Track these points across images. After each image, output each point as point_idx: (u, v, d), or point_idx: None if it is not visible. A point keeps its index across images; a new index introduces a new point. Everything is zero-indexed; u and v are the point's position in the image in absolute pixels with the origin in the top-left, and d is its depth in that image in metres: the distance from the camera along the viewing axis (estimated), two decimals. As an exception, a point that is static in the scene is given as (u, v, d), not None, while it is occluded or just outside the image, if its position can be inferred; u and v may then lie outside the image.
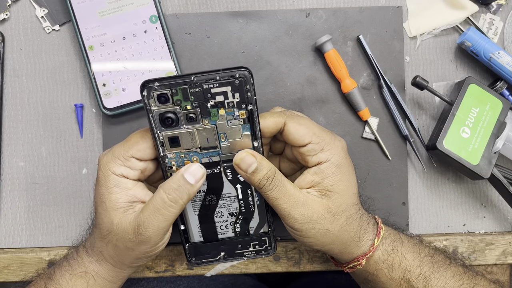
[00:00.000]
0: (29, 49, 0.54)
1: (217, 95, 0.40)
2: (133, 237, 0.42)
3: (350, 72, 0.53)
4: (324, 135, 0.44)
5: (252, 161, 0.42)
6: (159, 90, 0.40)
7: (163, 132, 0.41)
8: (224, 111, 0.41)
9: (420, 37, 0.54)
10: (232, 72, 0.40)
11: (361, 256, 0.45)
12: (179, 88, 0.40)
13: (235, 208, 0.45)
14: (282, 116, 0.43)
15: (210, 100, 0.40)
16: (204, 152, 0.43)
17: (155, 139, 0.42)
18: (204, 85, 0.40)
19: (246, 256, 0.47)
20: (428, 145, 0.52)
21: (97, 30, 0.52)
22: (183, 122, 0.41)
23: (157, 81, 0.40)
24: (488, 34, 0.55)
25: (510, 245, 0.55)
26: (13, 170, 0.54)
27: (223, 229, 0.46)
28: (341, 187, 0.43)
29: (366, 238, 0.45)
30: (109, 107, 0.52)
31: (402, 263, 0.45)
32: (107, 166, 0.42)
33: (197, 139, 0.42)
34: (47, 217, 0.54)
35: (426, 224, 0.55)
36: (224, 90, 0.40)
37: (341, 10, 0.54)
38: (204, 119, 0.41)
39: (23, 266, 0.53)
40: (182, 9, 0.54)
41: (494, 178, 0.51)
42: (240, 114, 0.41)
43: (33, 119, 0.54)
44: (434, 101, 0.55)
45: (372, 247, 0.45)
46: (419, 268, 0.45)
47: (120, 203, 0.42)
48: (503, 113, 0.51)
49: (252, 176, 0.42)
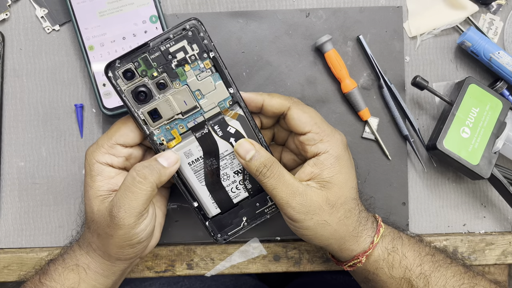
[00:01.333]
0: (29, 49, 0.54)
1: (177, 52, 0.41)
2: (109, 221, 0.42)
3: (350, 72, 0.54)
4: (325, 127, 0.44)
5: (250, 148, 0.43)
6: (122, 67, 0.41)
7: (141, 109, 0.42)
8: (189, 67, 0.42)
9: (420, 37, 0.54)
10: (182, 25, 0.41)
11: (361, 254, 0.45)
12: (140, 58, 0.41)
13: (238, 165, 0.45)
14: (288, 100, 0.44)
15: (172, 60, 0.41)
16: (187, 116, 0.43)
17: (136, 119, 0.42)
18: (161, 47, 0.41)
19: (268, 213, 0.47)
20: (428, 145, 0.52)
21: (97, 30, 0.52)
22: (156, 92, 0.42)
23: (117, 59, 0.41)
24: (488, 34, 0.55)
25: (510, 245, 0.55)
26: (13, 170, 0.54)
27: (235, 191, 0.46)
28: (340, 179, 0.43)
29: (366, 234, 0.45)
30: (109, 107, 0.52)
31: (403, 262, 0.45)
32: (91, 156, 0.43)
33: (174, 104, 0.42)
34: (47, 217, 0.54)
35: (426, 224, 0.55)
36: (181, 45, 0.41)
37: (341, 10, 0.54)
38: (174, 82, 0.42)
39: (23, 266, 0.53)
40: (182, 9, 0.54)
41: (494, 178, 0.51)
42: (205, 65, 0.42)
43: (33, 119, 0.54)
44: (434, 101, 0.55)
45: (372, 244, 0.45)
46: (419, 267, 0.45)
47: (101, 191, 0.43)
48: (503, 113, 0.51)
49: (249, 163, 0.42)
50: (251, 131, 0.44)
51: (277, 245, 0.54)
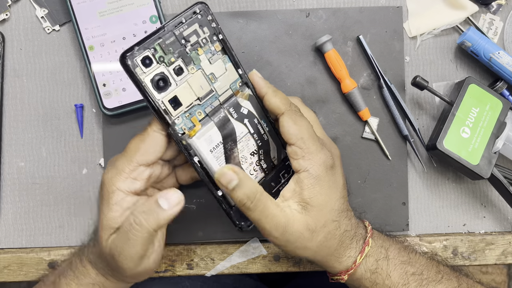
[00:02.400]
0: (29, 49, 0.54)
1: (190, 36, 0.41)
2: (111, 262, 0.42)
3: (350, 72, 0.54)
4: (310, 144, 0.42)
5: (232, 177, 0.40)
6: (140, 54, 0.40)
7: (162, 98, 0.41)
8: (202, 51, 0.42)
9: (420, 37, 0.54)
10: (192, 9, 0.41)
11: (343, 272, 0.45)
12: (157, 44, 0.40)
13: (253, 145, 0.44)
14: (286, 105, 0.43)
15: (187, 44, 0.41)
16: (204, 101, 0.42)
17: (157, 110, 0.41)
18: (175, 31, 0.41)
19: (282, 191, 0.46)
20: (428, 145, 0.52)
21: (97, 30, 0.52)
22: (173, 78, 0.41)
23: (135, 46, 0.40)
24: (488, 34, 0.55)
25: (510, 245, 0.55)
26: (13, 170, 0.54)
27: (252, 173, 0.45)
28: (319, 201, 0.42)
29: (348, 254, 0.44)
30: (109, 107, 0.52)
31: (386, 282, 0.45)
32: (111, 182, 0.41)
33: (193, 89, 0.42)
34: (47, 217, 0.54)
35: (426, 224, 0.55)
36: (194, 28, 0.41)
37: (341, 10, 0.54)
38: (189, 67, 0.42)
39: (23, 266, 0.53)
40: (182, 9, 0.54)
41: (494, 178, 0.51)
42: (215, 48, 0.42)
43: (33, 119, 0.54)
44: (434, 101, 0.55)
45: (354, 265, 0.44)
46: (404, 287, 0.45)
47: (115, 222, 0.42)
48: (503, 113, 0.51)
49: (232, 193, 0.40)
50: (261, 111, 0.44)
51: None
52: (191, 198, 0.53)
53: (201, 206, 0.53)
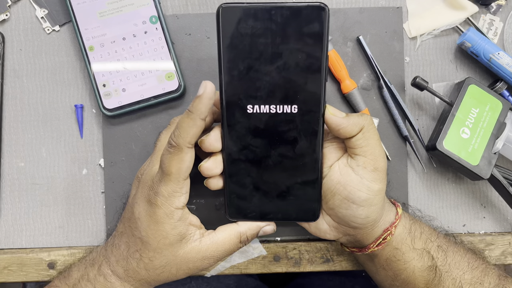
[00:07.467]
0: (29, 50, 0.54)
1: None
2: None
3: (350, 73, 0.54)
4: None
5: None
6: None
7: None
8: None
9: (420, 37, 0.54)
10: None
11: (390, 226, 0.46)
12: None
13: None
14: (359, 126, 0.43)
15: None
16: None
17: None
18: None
19: None
20: (428, 145, 0.52)
21: (97, 31, 0.52)
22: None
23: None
24: (488, 35, 0.55)
25: (510, 245, 0.55)
26: (13, 170, 0.54)
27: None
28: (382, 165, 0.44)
29: (388, 208, 0.46)
30: (109, 107, 0.52)
31: (423, 234, 0.47)
32: (167, 203, 0.41)
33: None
34: (47, 217, 0.54)
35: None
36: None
37: (341, 11, 0.54)
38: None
39: (23, 266, 0.53)
40: (182, 10, 0.54)
41: (494, 178, 0.51)
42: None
43: (33, 119, 0.54)
44: (434, 101, 0.55)
45: (397, 216, 0.46)
46: (437, 240, 0.47)
47: (182, 235, 0.43)
48: (503, 114, 0.51)
49: None
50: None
51: (277, 246, 0.54)
52: (191, 199, 0.53)
53: (201, 207, 0.53)
